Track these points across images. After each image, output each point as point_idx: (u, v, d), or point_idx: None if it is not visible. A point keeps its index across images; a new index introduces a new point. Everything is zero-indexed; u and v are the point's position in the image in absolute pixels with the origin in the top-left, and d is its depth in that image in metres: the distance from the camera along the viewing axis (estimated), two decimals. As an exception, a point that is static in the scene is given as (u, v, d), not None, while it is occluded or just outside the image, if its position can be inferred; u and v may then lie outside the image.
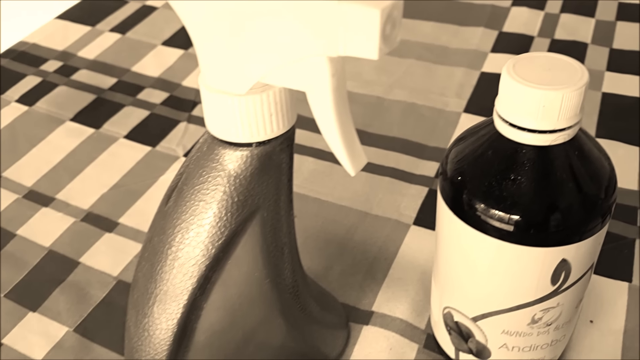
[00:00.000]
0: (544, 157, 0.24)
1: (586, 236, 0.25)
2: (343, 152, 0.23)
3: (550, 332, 0.29)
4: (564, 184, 0.25)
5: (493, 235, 0.25)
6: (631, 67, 0.55)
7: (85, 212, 0.45)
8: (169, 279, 0.27)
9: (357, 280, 0.39)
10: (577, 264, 0.26)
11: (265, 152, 0.25)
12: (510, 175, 0.25)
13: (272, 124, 0.24)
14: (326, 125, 0.23)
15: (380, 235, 0.42)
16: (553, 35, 0.59)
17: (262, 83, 0.23)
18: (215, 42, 0.23)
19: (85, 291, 0.40)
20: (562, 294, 0.27)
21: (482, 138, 0.26)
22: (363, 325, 0.36)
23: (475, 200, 0.25)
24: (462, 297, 0.29)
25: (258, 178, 0.25)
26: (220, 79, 0.23)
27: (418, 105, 0.53)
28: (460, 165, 0.27)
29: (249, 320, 0.30)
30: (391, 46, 0.20)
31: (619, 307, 0.36)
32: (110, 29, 0.65)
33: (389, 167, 0.47)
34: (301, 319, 0.31)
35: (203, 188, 0.25)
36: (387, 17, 0.19)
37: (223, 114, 0.24)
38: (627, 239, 0.40)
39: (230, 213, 0.25)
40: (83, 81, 0.58)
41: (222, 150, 0.25)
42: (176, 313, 0.27)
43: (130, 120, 0.53)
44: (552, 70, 0.24)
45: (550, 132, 0.24)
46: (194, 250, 0.26)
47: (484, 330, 0.29)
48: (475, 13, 0.63)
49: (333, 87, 0.22)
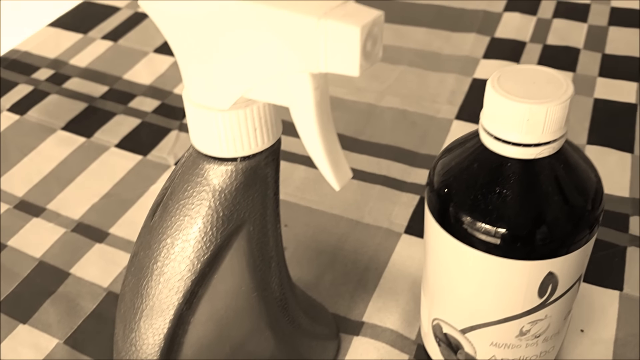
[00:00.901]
0: (529, 170, 0.24)
1: (573, 249, 0.25)
2: (327, 167, 0.23)
3: (539, 344, 0.28)
4: (549, 197, 0.25)
5: (479, 248, 0.25)
6: (623, 72, 0.55)
7: (75, 222, 0.45)
8: (154, 294, 0.27)
9: (348, 290, 0.39)
10: (564, 277, 0.26)
11: (250, 167, 0.25)
12: (496, 188, 0.25)
13: (256, 139, 0.24)
14: (310, 140, 0.23)
15: (371, 244, 0.42)
16: (545, 41, 0.59)
17: (245, 98, 0.23)
18: (197, 57, 0.22)
19: (76, 302, 0.40)
20: (549, 306, 0.27)
21: (468, 150, 0.26)
22: (353, 336, 0.36)
23: (461, 213, 0.25)
24: (451, 309, 0.29)
25: (243, 192, 0.25)
26: (204, 94, 0.23)
27: (410, 112, 0.52)
28: (447, 178, 0.27)
29: (236, 333, 0.29)
30: (373, 62, 0.20)
31: (609, 316, 0.36)
32: (102, 37, 0.65)
33: (380, 175, 0.47)
34: (290, 331, 0.31)
35: (188, 203, 0.25)
36: (368, 34, 0.19)
37: (207, 129, 0.24)
38: (618, 246, 0.40)
39: (215, 228, 0.25)
40: (75, 89, 0.58)
41: (206, 165, 0.25)
42: (163, 328, 0.27)
43: (121, 129, 0.53)
44: (536, 83, 0.24)
45: (535, 145, 0.24)
46: (179, 265, 0.26)
47: (472, 342, 0.29)
48: (467, 19, 0.63)
49: (316, 102, 0.22)
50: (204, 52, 0.22)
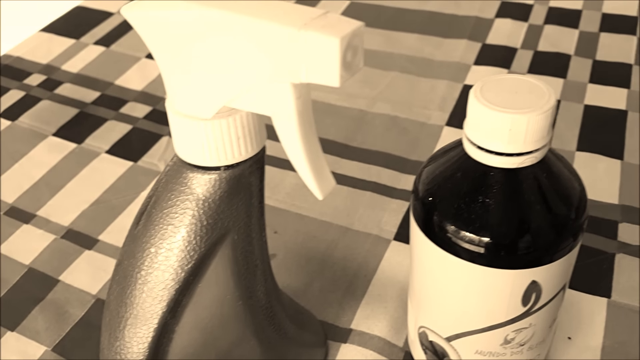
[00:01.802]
0: (512, 179, 0.24)
1: (556, 257, 0.25)
2: (310, 176, 0.23)
3: (524, 352, 0.28)
4: (532, 206, 0.25)
5: (462, 256, 0.25)
6: (614, 78, 0.55)
7: (65, 228, 0.45)
8: (138, 302, 0.27)
9: (337, 297, 0.39)
10: (547, 286, 0.26)
11: (234, 176, 0.25)
12: (479, 197, 0.25)
13: (239, 148, 0.24)
14: (292, 150, 0.23)
15: (361, 251, 0.42)
16: (536, 47, 0.59)
17: (228, 107, 0.23)
18: (180, 67, 0.23)
19: (64, 310, 0.40)
20: (533, 314, 0.27)
21: (452, 159, 0.26)
22: (341, 343, 0.36)
23: (444, 221, 0.25)
24: (436, 317, 0.29)
25: (227, 201, 0.25)
26: (187, 104, 0.23)
27: (401, 119, 0.53)
28: (431, 187, 0.27)
29: (222, 342, 0.29)
30: (353, 73, 0.20)
31: (597, 323, 0.36)
32: (95, 42, 0.65)
33: (370, 181, 0.47)
34: (276, 339, 0.31)
35: (171, 212, 0.25)
36: (348, 45, 0.19)
37: (190, 138, 0.24)
38: (607, 253, 0.40)
39: (199, 237, 0.25)
40: (66, 95, 0.58)
41: (190, 173, 0.25)
42: (147, 337, 0.27)
43: (112, 135, 0.53)
44: (519, 93, 0.24)
45: (517, 154, 0.24)
46: (163, 274, 0.26)
47: (457, 350, 0.29)
48: (459, 25, 0.63)
49: (298, 112, 0.22)
50: (187, 61, 0.22)
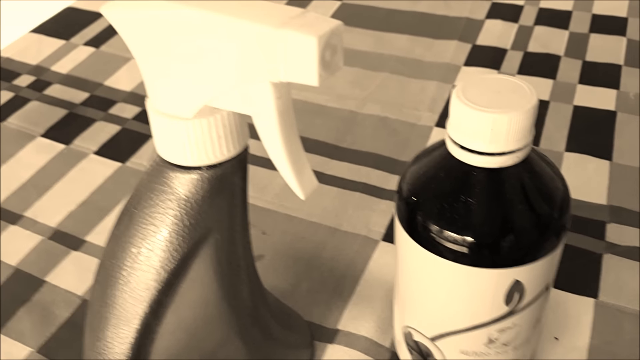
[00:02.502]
0: (494, 179, 0.24)
1: (539, 257, 0.25)
2: (292, 177, 0.23)
3: (509, 352, 0.28)
4: (514, 205, 0.25)
5: (444, 256, 0.25)
6: (604, 79, 0.55)
7: (52, 229, 0.45)
8: (120, 303, 0.26)
9: (324, 297, 0.39)
10: (531, 285, 0.26)
11: (216, 176, 0.25)
12: (462, 197, 0.25)
13: (221, 147, 0.24)
14: (273, 150, 0.23)
15: (349, 252, 0.42)
16: (526, 48, 0.59)
17: (209, 107, 0.23)
18: (160, 66, 0.22)
19: (50, 311, 0.39)
20: (517, 314, 0.27)
21: (435, 159, 0.26)
22: (328, 344, 0.36)
23: (427, 221, 0.25)
24: (420, 317, 0.29)
25: (209, 201, 0.25)
26: (167, 103, 0.23)
27: (391, 120, 0.53)
28: (414, 187, 0.26)
29: (206, 343, 0.29)
30: (333, 72, 0.20)
31: (584, 324, 0.36)
32: (84, 43, 0.65)
33: (360, 182, 0.47)
34: (261, 340, 0.31)
35: (153, 212, 0.25)
36: (326, 44, 0.19)
37: (171, 137, 0.24)
38: (595, 254, 0.40)
39: (181, 237, 0.25)
40: (55, 96, 0.58)
41: (171, 173, 0.25)
42: (129, 337, 0.27)
43: (101, 136, 0.53)
44: (501, 92, 0.24)
45: (499, 154, 0.24)
46: (144, 274, 0.26)
47: (442, 349, 0.29)
48: (449, 26, 0.63)
49: (278, 111, 0.22)
50: (167, 61, 0.22)
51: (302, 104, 0.55)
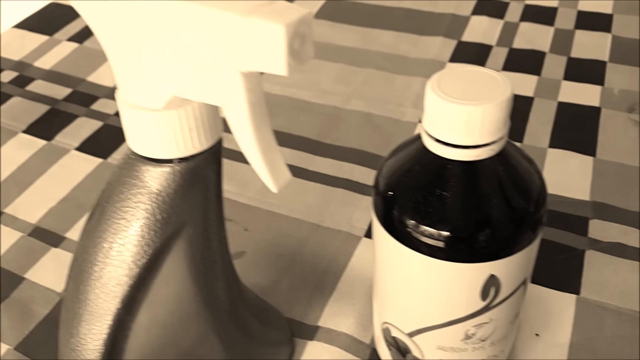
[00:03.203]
0: (469, 172, 0.24)
1: (515, 251, 0.25)
2: (264, 169, 0.23)
3: (487, 348, 0.28)
4: (489, 199, 0.24)
5: (419, 250, 0.25)
6: (588, 75, 0.55)
7: (32, 226, 0.44)
8: (92, 299, 0.26)
9: (305, 294, 0.39)
10: (507, 280, 0.26)
11: (188, 169, 0.24)
12: (437, 191, 0.24)
13: (192, 140, 0.24)
14: (244, 142, 0.22)
15: (331, 248, 0.41)
16: (511, 45, 0.59)
17: (179, 98, 0.23)
18: (127, 56, 0.22)
19: (29, 308, 0.39)
20: (493, 309, 0.26)
21: (411, 153, 0.26)
22: (308, 340, 0.36)
23: (402, 215, 0.25)
24: (398, 312, 0.29)
25: (182, 195, 0.25)
26: (136, 94, 0.23)
27: (375, 116, 0.52)
28: (390, 181, 0.26)
29: (182, 340, 0.29)
30: (303, 61, 0.20)
31: (565, 320, 0.36)
32: (68, 39, 0.64)
33: (343, 178, 0.47)
34: (238, 337, 0.31)
35: (124, 206, 0.25)
36: (294, 33, 0.19)
37: (141, 130, 0.23)
38: (577, 250, 0.40)
39: (153, 231, 0.25)
40: (38, 92, 0.57)
41: (142, 166, 0.24)
42: (102, 333, 0.26)
43: (82, 132, 0.52)
44: (475, 84, 0.24)
45: (473, 147, 0.23)
46: (116, 270, 0.25)
47: (419, 345, 0.29)
48: (435, 22, 0.63)
49: (249, 102, 0.21)
50: (135, 50, 0.22)
51: (286, 100, 0.54)
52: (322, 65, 0.58)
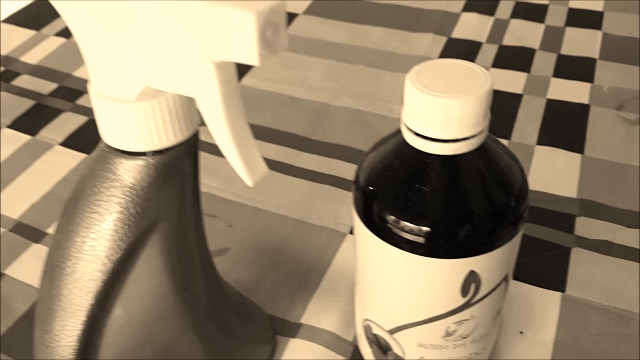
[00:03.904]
0: (449, 166, 0.24)
1: (495, 247, 0.24)
2: (239, 163, 0.22)
3: (468, 345, 0.28)
4: (469, 194, 0.24)
5: (398, 246, 0.24)
6: (578, 73, 0.55)
7: (14, 221, 0.44)
8: (66, 294, 0.26)
9: (288, 291, 0.38)
10: (487, 276, 0.25)
11: (162, 162, 0.24)
12: (416, 185, 0.24)
13: (167, 132, 0.23)
14: (218, 135, 0.22)
15: (316, 245, 0.41)
16: (501, 42, 0.58)
17: (153, 89, 0.22)
18: (99, 45, 0.22)
19: (8, 304, 0.38)
20: (474, 306, 0.26)
21: (391, 147, 0.26)
22: (290, 338, 0.35)
23: (381, 210, 0.25)
24: (378, 309, 0.28)
25: (156, 189, 0.24)
26: (108, 85, 0.22)
27: (363, 112, 0.52)
28: (370, 176, 0.26)
29: (158, 337, 0.28)
30: (275, 51, 0.20)
31: (550, 318, 0.36)
32: (55, 34, 0.64)
33: (329, 174, 0.46)
34: (218, 334, 0.30)
35: (97, 199, 0.24)
36: (265, 22, 0.18)
37: (114, 121, 0.23)
38: (563, 247, 0.40)
39: (127, 226, 0.24)
40: (23, 87, 0.57)
41: (116, 159, 0.24)
42: (76, 330, 0.26)
43: (67, 127, 0.52)
44: (455, 77, 0.23)
45: (453, 141, 0.23)
46: (89, 265, 0.25)
47: (400, 342, 0.28)
48: (425, 19, 0.62)
49: (223, 94, 0.21)
50: (106, 40, 0.21)
51: (274, 96, 0.54)
52: (311, 61, 0.58)
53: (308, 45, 0.60)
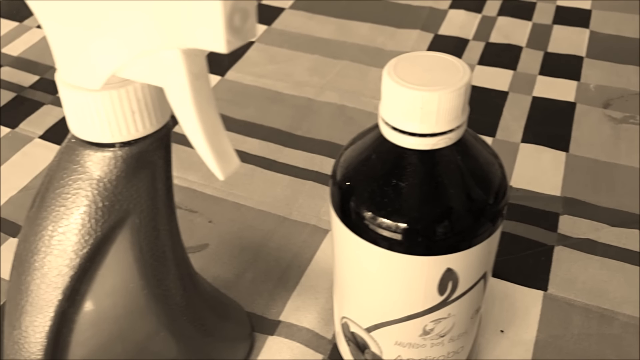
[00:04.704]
0: (426, 161, 0.23)
1: (472, 244, 0.24)
2: (209, 155, 0.22)
3: (445, 344, 0.27)
4: (446, 189, 0.23)
5: (374, 242, 0.24)
6: (565, 71, 0.54)
7: (-9, 216, 0.43)
8: (34, 289, 0.25)
9: (268, 288, 0.38)
10: (465, 274, 0.25)
11: (131, 154, 0.23)
12: (392, 181, 0.23)
13: (135, 123, 0.23)
14: (188, 126, 0.21)
15: (297, 241, 0.40)
16: (488, 39, 0.58)
17: (120, 78, 0.21)
18: (62, 32, 0.21)
19: (-18, 300, 0.38)
20: (451, 304, 0.25)
21: (368, 142, 0.25)
22: (268, 335, 0.35)
23: (357, 206, 0.24)
24: (355, 307, 0.28)
25: (125, 182, 0.24)
26: (73, 73, 0.22)
27: (348, 108, 0.51)
28: (347, 170, 0.25)
29: (131, 334, 0.28)
30: (244, 39, 0.19)
31: (531, 317, 0.35)
32: (38, 25, 0.63)
33: (312, 170, 0.46)
34: (191, 331, 0.30)
35: (64, 192, 0.23)
36: (233, 7, 0.18)
37: (80, 111, 0.22)
38: (546, 246, 0.39)
39: (94, 219, 0.24)
40: (4, 79, 0.56)
41: (83, 151, 0.23)
42: (44, 326, 0.25)
43: (47, 120, 0.51)
44: (433, 70, 0.23)
45: (430, 135, 0.23)
46: (56, 259, 0.24)
47: (377, 341, 0.28)
48: (412, 15, 0.62)
49: (192, 83, 0.20)
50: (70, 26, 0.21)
51: (259, 91, 0.53)
52: (297, 57, 0.57)
53: (294, 40, 0.59)
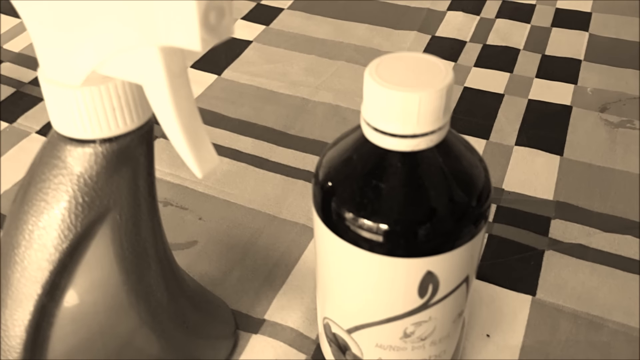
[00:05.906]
0: (407, 163, 0.23)
1: (453, 247, 0.24)
2: (187, 152, 0.22)
3: (427, 347, 0.27)
4: (427, 191, 0.23)
5: (354, 243, 0.24)
6: (562, 74, 0.54)
7: (-17, 209, 0.43)
8: (14, 283, 0.25)
9: (254, 286, 0.37)
10: (445, 277, 0.25)
11: (112, 150, 0.23)
12: (373, 182, 0.23)
13: (116, 119, 0.23)
14: (166, 123, 0.21)
15: (285, 240, 0.40)
16: (485, 41, 0.58)
17: (101, 75, 0.21)
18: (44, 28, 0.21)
19: (-30, 293, 0.38)
20: (432, 307, 0.25)
21: (350, 142, 0.25)
22: (252, 334, 0.35)
23: (338, 207, 0.24)
24: (337, 308, 0.28)
25: (106, 178, 0.24)
26: (54, 69, 0.22)
27: (342, 108, 0.51)
28: (329, 171, 0.25)
29: (111, 330, 0.28)
30: (221, 37, 0.19)
31: (519, 321, 0.35)
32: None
33: (304, 170, 0.46)
34: (173, 328, 0.29)
35: (45, 187, 0.24)
36: (208, 5, 0.18)
37: (61, 107, 0.22)
38: (536, 250, 0.39)
39: (74, 215, 0.24)
40: (4, 74, 0.56)
41: (64, 146, 0.23)
42: (24, 320, 0.25)
43: (45, 115, 0.51)
44: (415, 71, 0.22)
45: (411, 136, 0.22)
46: (36, 254, 0.24)
47: (358, 342, 0.28)
48: (410, 16, 0.62)
49: (170, 82, 0.20)
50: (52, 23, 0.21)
51: (254, 90, 0.53)
52: (294, 56, 0.57)
53: (291, 40, 0.59)
